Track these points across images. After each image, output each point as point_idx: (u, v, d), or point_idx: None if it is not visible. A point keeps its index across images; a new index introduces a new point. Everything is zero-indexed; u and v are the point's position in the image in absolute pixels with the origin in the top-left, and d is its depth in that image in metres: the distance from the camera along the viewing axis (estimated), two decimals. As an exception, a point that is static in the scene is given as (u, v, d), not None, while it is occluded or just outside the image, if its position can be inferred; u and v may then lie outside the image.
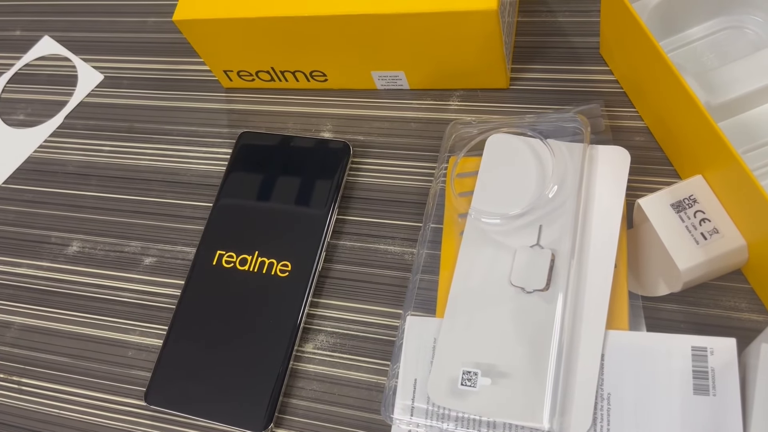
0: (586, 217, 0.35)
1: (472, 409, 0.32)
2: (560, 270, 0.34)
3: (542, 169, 0.37)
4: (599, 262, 0.34)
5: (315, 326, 0.39)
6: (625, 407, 0.32)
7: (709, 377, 0.31)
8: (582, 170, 0.36)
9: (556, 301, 0.33)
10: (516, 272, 0.34)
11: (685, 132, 0.34)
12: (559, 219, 0.35)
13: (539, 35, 0.44)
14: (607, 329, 0.33)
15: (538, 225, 0.35)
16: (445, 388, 0.33)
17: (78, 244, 0.44)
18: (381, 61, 0.42)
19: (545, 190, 0.36)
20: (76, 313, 0.42)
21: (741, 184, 0.30)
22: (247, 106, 0.46)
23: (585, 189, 0.36)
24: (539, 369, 0.32)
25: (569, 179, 0.36)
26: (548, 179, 0.36)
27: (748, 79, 0.35)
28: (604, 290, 0.34)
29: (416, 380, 0.34)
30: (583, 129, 0.37)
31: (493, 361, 0.33)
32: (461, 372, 0.33)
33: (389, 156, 0.42)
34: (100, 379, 0.40)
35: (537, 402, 0.32)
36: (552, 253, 0.34)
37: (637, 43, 0.34)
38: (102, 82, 0.50)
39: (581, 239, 0.35)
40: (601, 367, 0.32)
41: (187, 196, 0.44)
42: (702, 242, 0.33)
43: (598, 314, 0.33)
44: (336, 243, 0.40)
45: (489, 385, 0.33)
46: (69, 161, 0.48)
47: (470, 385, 0.33)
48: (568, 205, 0.35)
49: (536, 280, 0.34)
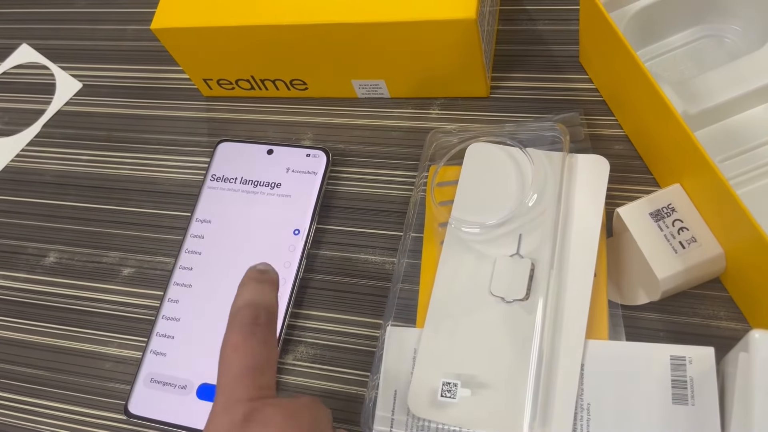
0: (565, 225, 0.35)
1: (451, 421, 0.32)
2: (540, 279, 0.34)
3: (522, 177, 0.37)
4: (579, 271, 0.34)
5: (295, 337, 0.38)
6: (605, 417, 0.32)
7: (687, 386, 0.31)
8: (561, 179, 0.36)
9: (536, 311, 0.33)
10: (496, 282, 0.34)
11: (662, 141, 0.34)
12: (538, 228, 0.35)
13: (519, 44, 0.44)
14: (586, 339, 0.33)
15: (518, 234, 0.35)
16: (425, 400, 0.33)
17: (55, 255, 0.44)
18: (361, 70, 0.42)
19: (525, 199, 0.36)
20: (52, 325, 0.42)
21: (717, 193, 0.30)
22: (226, 114, 0.46)
23: (564, 197, 0.35)
24: (519, 380, 0.32)
25: (549, 188, 0.36)
26: (527, 188, 0.36)
27: (726, 87, 0.35)
28: (584, 299, 0.34)
29: (396, 391, 0.34)
30: (562, 138, 0.37)
31: (472, 371, 0.33)
32: (441, 383, 0.33)
33: (369, 164, 0.42)
34: (77, 393, 0.39)
35: (517, 413, 0.31)
36: (532, 262, 0.34)
37: (615, 52, 0.35)
38: (80, 90, 0.50)
39: (561, 248, 0.35)
40: (581, 377, 0.32)
41: (165, 205, 0.44)
42: (680, 251, 0.33)
43: (578, 324, 0.33)
44: (316, 252, 0.40)
45: (469, 396, 0.32)
46: (46, 171, 0.47)
47: (450, 396, 0.33)
48: (548, 213, 0.35)
49: (516, 290, 0.34)
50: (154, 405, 0.37)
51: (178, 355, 0.38)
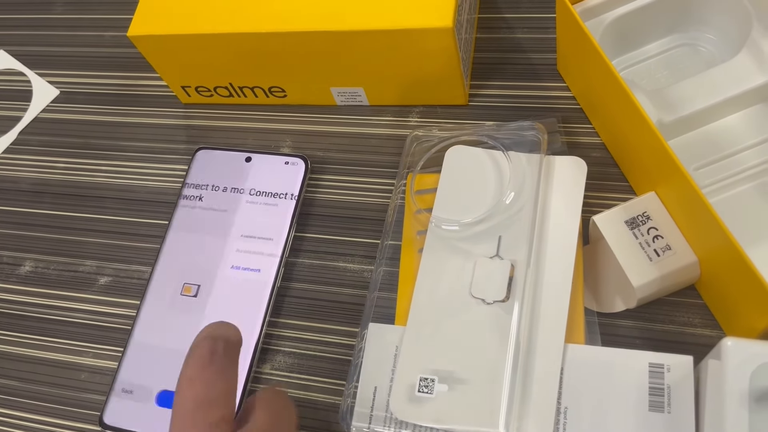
0: (543, 225, 0.35)
1: (428, 417, 0.32)
2: (520, 280, 0.34)
3: (500, 177, 0.37)
4: (557, 272, 0.34)
5: (273, 346, 0.38)
6: (581, 421, 0.32)
7: (664, 394, 0.31)
8: (539, 178, 0.36)
9: (515, 312, 0.33)
10: (476, 284, 0.34)
11: (637, 149, 0.35)
12: (517, 227, 0.35)
13: (498, 51, 0.44)
14: (565, 343, 0.33)
15: (497, 235, 0.35)
16: (404, 397, 0.33)
17: (31, 264, 0.43)
18: (340, 78, 0.42)
19: (502, 197, 0.36)
20: (27, 335, 0.41)
21: (690, 201, 0.30)
22: (205, 122, 0.46)
23: (542, 197, 0.36)
24: (496, 376, 0.32)
25: (526, 187, 0.36)
26: (505, 186, 0.36)
27: (700, 96, 0.36)
28: (563, 299, 0.34)
29: (376, 388, 0.34)
30: (540, 137, 0.37)
31: (450, 368, 0.33)
32: (418, 379, 0.33)
33: (348, 172, 0.42)
34: (52, 404, 0.39)
35: (493, 408, 0.32)
36: (512, 264, 0.34)
37: (591, 61, 0.35)
38: (57, 97, 0.49)
39: (539, 247, 0.35)
40: (560, 381, 0.32)
41: (143, 213, 0.43)
42: (655, 259, 0.33)
43: (557, 323, 0.33)
44: (294, 261, 0.40)
45: (446, 391, 0.33)
46: (22, 178, 0.47)
47: (427, 391, 0.33)
48: (526, 212, 0.35)
49: (496, 292, 0.34)
50: (129, 416, 0.37)
51: (154, 366, 0.37)
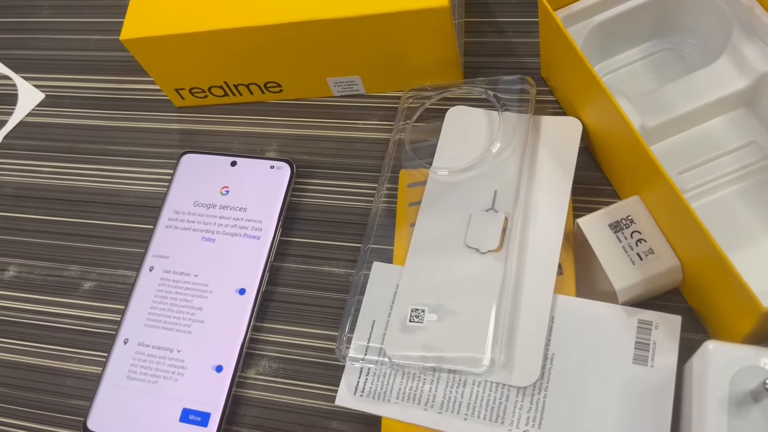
0: (536, 179, 0.36)
1: (417, 346, 0.33)
2: (512, 232, 0.35)
3: (492, 132, 0.38)
4: (550, 224, 0.35)
5: (258, 351, 0.38)
6: (567, 368, 0.32)
7: (650, 349, 0.32)
8: (527, 130, 0.37)
9: (506, 261, 0.34)
10: (471, 234, 0.35)
11: (620, 154, 0.35)
12: (507, 179, 0.36)
13: (485, 55, 0.44)
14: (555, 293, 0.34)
15: (493, 189, 0.36)
16: (397, 330, 0.34)
17: (15, 269, 0.43)
18: (336, 67, 0.42)
19: (490, 147, 0.37)
20: (11, 340, 0.41)
21: (673, 205, 0.31)
22: (193, 125, 0.46)
23: (533, 151, 0.37)
24: (485, 310, 0.33)
25: (516, 138, 0.37)
26: (494, 138, 0.38)
27: (683, 100, 0.36)
28: (554, 251, 0.35)
29: (374, 322, 0.35)
30: (530, 89, 0.38)
31: (442, 302, 0.34)
32: (410, 309, 0.34)
33: (334, 176, 0.42)
34: (36, 409, 0.39)
35: (480, 334, 0.33)
36: (506, 216, 0.35)
37: (573, 66, 0.35)
38: (43, 101, 0.49)
39: (532, 200, 0.36)
40: (550, 329, 0.33)
41: (128, 218, 0.43)
42: (638, 262, 0.33)
43: (547, 274, 0.34)
44: (279, 265, 0.40)
45: (435, 321, 0.34)
46: (7, 183, 0.46)
47: (418, 321, 0.34)
48: (513, 163, 0.37)
49: (490, 242, 0.35)
50: (113, 421, 0.36)
51: (138, 371, 0.37)
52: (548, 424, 0.32)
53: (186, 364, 0.37)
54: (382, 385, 0.34)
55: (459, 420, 0.32)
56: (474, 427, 0.32)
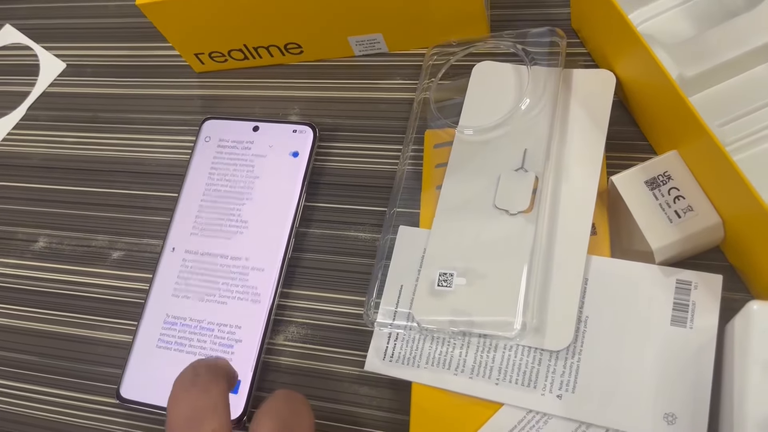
0: (567, 136, 0.35)
1: (446, 310, 0.32)
2: (543, 191, 0.34)
3: (521, 88, 0.37)
4: (582, 182, 0.34)
5: (286, 317, 0.38)
6: (601, 331, 0.32)
7: (689, 310, 0.31)
8: (557, 84, 0.35)
9: (537, 222, 0.33)
10: (500, 195, 0.34)
11: (657, 107, 0.33)
12: (537, 137, 0.35)
13: (512, 7, 0.42)
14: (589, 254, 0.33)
15: (523, 148, 0.35)
16: (425, 294, 0.33)
17: (45, 240, 0.43)
18: (357, 25, 0.41)
19: (519, 104, 0.36)
20: (44, 310, 0.41)
21: (714, 159, 0.29)
22: (214, 91, 0.45)
23: (565, 107, 0.35)
24: (516, 272, 0.32)
25: (546, 94, 0.36)
26: (523, 94, 0.36)
27: (724, 48, 0.34)
28: (587, 210, 0.33)
29: (402, 286, 0.34)
30: (560, 42, 0.37)
31: (471, 265, 0.33)
32: (438, 273, 0.33)
33: (358, 139, 0.41)
34: (69, 377, 0.39)
35: (511, 297, 0.32)
36: (536, 176, 0.34)
37: (606, 15, 0.33)
38: (65, 70, 0.49)
39: (563, 156, 0.35)
40: (583, 291, 0.32)
41: (153, 186, 0.43)
42: (676, 220, 0.31)
43: (580, 234, 0.33)
44: (305, 231, 0.39)
45: (464, 284, 0.33)
46: (33, 154, 0.46)
47: (446, 285, 0.33)
48: (543, 120, 0.35)
49: (520, 203, 0.34)
50: (146, 389, 0.37)
51: (168, 339, 0.37)
52: (582, 389, 0.31)
53: (215, 332, 0.37)
54: (411, 350, 0.33)
55: (490, 385, 0.32)
56: (506, 392, 0.32)
